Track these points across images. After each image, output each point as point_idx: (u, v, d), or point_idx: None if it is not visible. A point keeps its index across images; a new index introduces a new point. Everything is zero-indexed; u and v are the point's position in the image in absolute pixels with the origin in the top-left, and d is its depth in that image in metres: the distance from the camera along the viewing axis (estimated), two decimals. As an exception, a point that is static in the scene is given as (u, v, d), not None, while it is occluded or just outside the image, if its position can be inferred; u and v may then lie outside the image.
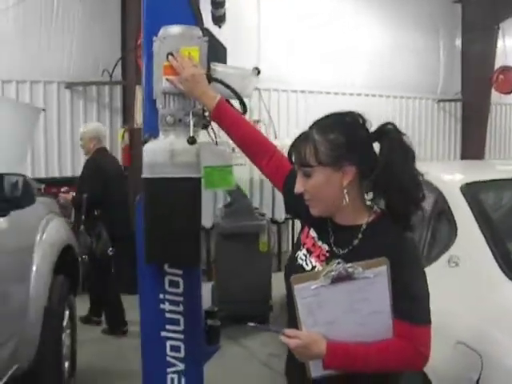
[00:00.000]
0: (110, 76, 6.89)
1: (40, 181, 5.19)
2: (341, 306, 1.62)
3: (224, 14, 2.52)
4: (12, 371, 3.08)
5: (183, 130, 2.12)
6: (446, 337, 2.40)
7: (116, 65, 6.89)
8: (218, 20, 2.53)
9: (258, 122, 7.51)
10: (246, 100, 2.24)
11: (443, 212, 2.91)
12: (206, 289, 5.55)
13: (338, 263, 1.62)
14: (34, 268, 3.31)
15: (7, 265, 3.02)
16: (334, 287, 1.59)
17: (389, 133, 1.70)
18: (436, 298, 2.66)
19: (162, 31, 2.11)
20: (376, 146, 1.71)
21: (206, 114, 2.14)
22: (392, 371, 1.70)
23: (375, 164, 1.65)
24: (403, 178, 1.65)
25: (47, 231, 3.59)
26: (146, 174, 2.13)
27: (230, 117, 2.00)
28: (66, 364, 3.90)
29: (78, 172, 6.78)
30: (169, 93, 2.10)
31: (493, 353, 2.13)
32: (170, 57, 2.04)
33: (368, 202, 1.73)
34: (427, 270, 2.69)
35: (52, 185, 5.51)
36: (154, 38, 2.12)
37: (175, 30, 2.11)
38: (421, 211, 1.72)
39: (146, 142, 2.18)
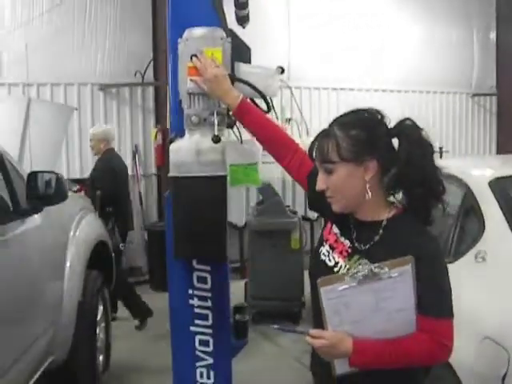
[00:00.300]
0: (142, 77, 7.00)
1: (75, 181, 5.29)
2: (367, 306, 1.64)
3: (247, 14, 2.55)
4: (47, 364, 3.18)
5: (208, 129, 2.16)
6: (474, 332, 2.42)
7: (148, 66, 7.01)
8: (242, 20, 2.56)
9: (289, 120, 7.53)
10: (274, 98, 2.28)
11: (471, 207, 2.92)
12: (239, 286, 5.66)
13: (365, 264, 1.64)
14: (68, 264, 3.42)
15: (42, 260, 3.11)
16: (360, 287, 1.60)
17: (407, 129, 1.72)
18: (463, 293, 2.68)
19: (186, 33, 2.17)
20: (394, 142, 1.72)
21: (231, 113, 2.17)
22: (417, 365, 1.71)
23: (395, 160, 1.67)
24: (423, 173, 1.67)
25: (80, 227, 3.70)
26: (172, 173, 2.18)
27: (253, 115, 2.04)
28: (101, 358, 4.01)
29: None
30: (193, 93, 2.14)
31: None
32: (193, 58, 2.08)
33: (389, 198, 1.74)
34: (455, 265, 2.75)
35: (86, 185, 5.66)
36: (179, 40, 2.17)
37: (198, 31, 2.15)
38: (441, 205, 1.73)
39: (172, 142, 2.24)
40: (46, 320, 3.16)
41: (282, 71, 2.37)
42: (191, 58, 2.09)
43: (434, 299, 1.65)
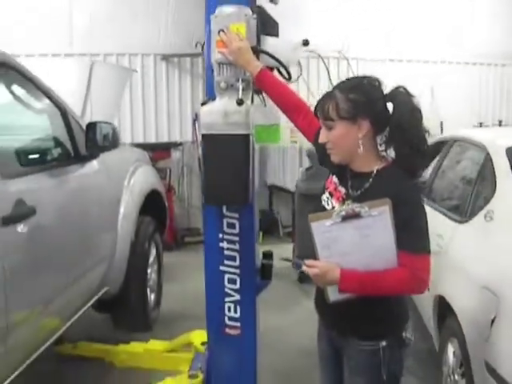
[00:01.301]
0: (202, 48, 7.31)
1: (138, 145, 5.64)
2: (351, 240, 1.89)
3: None
4: (102, 292, 3.60)
5: (234, 93, 2.42)
6: (474, 283, 2.67)
7: (207, 37, 7.31)
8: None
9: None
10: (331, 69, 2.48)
11: (488, 171, 3.14)
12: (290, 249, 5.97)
13: (348, 204, 1.94)
14: (122, 207, 3.81)
15: (98, 200, 3.52)
16: (344, 224, 1.86)
17: (399, 95, 1.97)
18: (471, 250, 2.94)
19: (217, 10, 2.43)
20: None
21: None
22: (397, 294, 1.99)
23: (388, 121, 1.94)
24: (410, 134, 1.93)
25: (135, 176, 4.05)
26: (203, 131, 2.46)
27: (270, 82, 2.33)
28: (152, 296, 4.42)
29: (173, 138, 7.42)
30: (221, 63, 2.41)
31: (509, 294, 2.37)
32: (221, 32, 2.35)
33: (382, 153, 2.01)
34: (468, 224, 2.99)
35: (150, 149, 5.97)
36: (211, 17, 2.44)
37: (226, 9, 2.40)
38: (427, 163, 1.99)
39: (204, 104, 2.54)
40: (102, 253, 3.56)
41: (306, 43, 2.63)
42: (219, 33, 2.36)
43: (410, 237, 1.89)
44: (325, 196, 2.10)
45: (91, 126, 3.18)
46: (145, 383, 3.24)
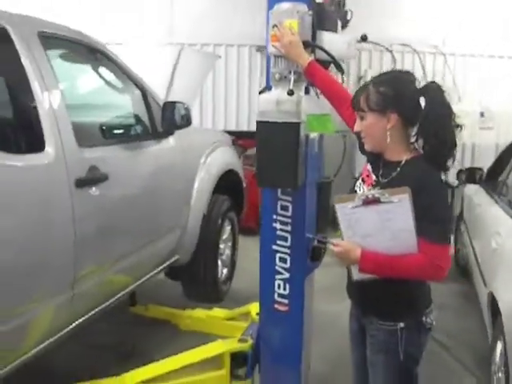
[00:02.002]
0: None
1: (230, 133, 5.75)
2: (373, 223, 2.03)
3: None
4: (173, 260, 3.90)
5: (287, 84, 2.56)
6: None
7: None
8: None
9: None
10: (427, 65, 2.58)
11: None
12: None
13: (370, 190, 2.11)
14: (197, 183, 4.07)
15: (173, 174, 3.77)
16: (366, 208, 2.01)
17: (431, 90, 2.08)
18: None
19: (274, 7, 2.60)
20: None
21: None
22: (414, 279, 2.11)
23: (419, 114, 2.06)
24: (439, 127, 2.04)
25: (212, 155, 4.31)
26: (258, 118, 2.63)
27: (318, 74, 2.49)
28: (225, 270, 4.68)
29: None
30: (276, 55, 2.59)
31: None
32: (275, 28, 2.53)
33: (413, 145, 2.13)
34: None
35: (241, 137, 6.10)
36: (269, 12, 2.61)
37: (281, 6, 2.56)
38: (453, 155, 2.10)
39: (261, 93, 2.74)
40: (173, 223, 3.85)
41: (365, 39, 2.77)
42: (273, 27, 2.53)
43: (430, 226, 1.98)
44: (358, 182, 2.26)
45: (167, 106, 3.48)
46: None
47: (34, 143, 2.55)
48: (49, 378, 2.95)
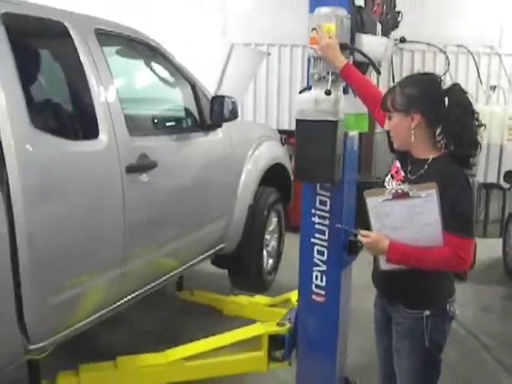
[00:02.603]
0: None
1: (283, 132, 5.89)
2: (400, 216, 2.16)
3: None
4: (219, 248, 4.09)
5: (325, 84, 2.69)
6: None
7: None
8: None
9: (494, 87, 7.54)
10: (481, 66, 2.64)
11: None
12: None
13: (399, 185, 2.23)
14: (244, 174, 4.24)
15: (221, 164, 3.95)
16: (394, 202, 2.14)
17: (454, 91, 2.21)
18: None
19: (315, 11, 2.72)
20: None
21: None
22: (439, 270, 2.23)
23: (443, 114, 2.18)
24: (461, 127, 2.16)
25: (259, 149, 4.46)
26: (297, 117, 2.78)
27: (353, 76, 2.62)
28: (270, 261, 4.83)
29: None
30: (315, 57, 2.71)
31: None
32: (313, 31, 2.66)
33: (439, 143, 2.25)
34: None
35: (293, 136, 6.40)
36: (308, 16, 2.73)
37: (321, 10, 2.69)
38: (476, 153, 2.20)
39: (301, 92, 2.86)
40: (220, 212, 4.02)
41: (402, 41, 2.89)
42: (312, 31, 2.66)
43: (455, 220, 2.11)
44: (387, 178, 2.39)
45: (215, 99, 3.65)
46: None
47: (89, 131, 2.78)
48: (91, 358, 3.17)
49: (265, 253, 4.69)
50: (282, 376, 3.52)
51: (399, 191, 2.14)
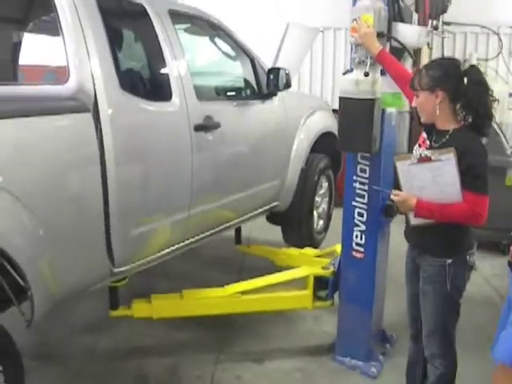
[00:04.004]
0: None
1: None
2: (425, 178, 2.53)
3: None
4: (273, 205, 4.56)
5: (365, 67, 3.09)
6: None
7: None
8: None
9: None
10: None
11: None
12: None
13: (423, 151, 2.62)
14: (296, 140, 4.67)
15: (276, 130, 4.39)
16: (420, 165, 2.54)
17: (472, 71, 2.56)
18: None
19: (356, 4, 3.12)
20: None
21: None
22: (459, 223, 2.56)
23: (462, 92, 2.53)
24: (478, 102, 2.51)
25: (311, 117, 4.88)
26: (340, 95, 3.19)
27: (386, 60, 3.00)
28: (321, 222, 5.27)
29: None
30: (355, 44, 3.12)
31: None
32: (354, 21, 3.06)
33: (459, 117, 2.58)
34: None
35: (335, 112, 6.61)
36: (351, 8, 3.13)
37: (361, 3, 3.07)
38: (490, 124, 2.58)
39: (344, 74, 3.25)
40: (274, 172, 4.47)
41: (435, 28, 3.27)
42: (353, 21, 3.06)
43: (472, 180, 2.45)
44: (416, 146, 2.73)
45: (271, 71, 4.13)
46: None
47: (164, 94, 3.29)
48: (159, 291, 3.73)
49: (315, 214, 5.11)
50: (326, 327, 3.96)
51: (423, 156, 2.54)
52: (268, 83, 4.14)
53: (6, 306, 2.69)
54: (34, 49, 3.74)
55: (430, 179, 2.52)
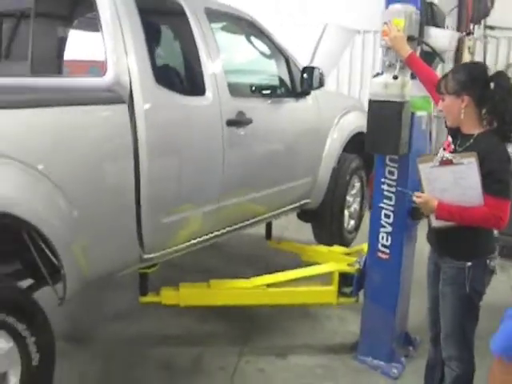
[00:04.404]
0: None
1: None
2: (447, 180, 2.57)
3: None
4: (303, 202, 4.62)
5: (394, 70, 3.13)
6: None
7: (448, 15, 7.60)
8: None
9: None
10: None
11: None
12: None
13: (443, 153, 2.65)
14: (329, 140, 4.72)
15: (308, 129, 4.44)
16: (442, 167, 2.58)
17: (499, 77, 2.57)
18: None
19: (388, 7, 3.15)
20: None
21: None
22: (479, 226, 2.58)
23: (489, 97, 2.56)
24: (503, 108, 2.52)
25: (345, 117, 4.92)
26: (370, 97, 3.24)
27: (415, 64, 3.05)
28: (352, 222, 5.30)
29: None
30: (385, 47, 3.15)
31: None
32: (384, 25, 3.10)
33: (484, 121, 2.62)
34: None
35: None
36: (383, 12, 3.16)
37: (393, 7, 3.12)
38: None
39: (375, 76, 3.28)
40: (305, 170, 4.53)
41: (469, 33, 3.30)
42: (384, 24, 3.10)
43: (494, 184, 2.47)
44: (441, 149, 2.75)
45: (305, 70, 4.21)
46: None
47: (198, 89, 3.41)
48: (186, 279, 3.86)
49: (346, 213, 5.15)
50: (351, 327, 4.02)
51: (444, 159, 2.58)
52: (302, 82, 4.22)
53: (40, 285, 2.88)
54: (78, 44, 3.91)
55: (452, 182, 2.56)
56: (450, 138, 2.74)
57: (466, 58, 5.72)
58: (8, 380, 2.46)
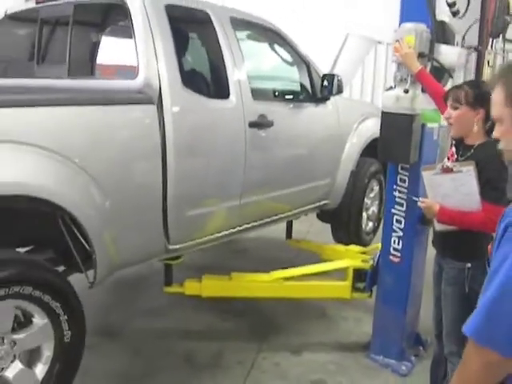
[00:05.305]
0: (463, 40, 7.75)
1: None
2: (449, 187, 2.76)
3: (457, 10, 3.42)
4: (323, 203, 4.80)
5: (405, 85, 3.31)
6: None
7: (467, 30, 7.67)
8: (454, 14, 3.45)
9: None
10: None
11: None
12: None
13: (445, 162, 2.83)
14: (348, 144, 4.91)
15: (328, 133, 4.61)
16: (443, 175, 2.77)
17: None
18: None
19: (400, 26, 3.33)
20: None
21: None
22: (476, 230, 2.70)
23: None
24: None
25: (364, 123, 5.10)
26: (382, 109, 3.43)
27: (424, 80, 3.22)
28: (370, 224, 5.46)
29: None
30: (397, 62, 3.34)
31: None
32: (396, 42, 3.27)
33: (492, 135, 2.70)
34: None
35: None
36: (394, 30, 3.34)
37: (404, 25, 3.29)
38: None
39: (387, 90, 3.47)
40: (324, 172, 4.71)
41: (476, 49, 3.46)
42: (396, 41, 3.27)
43: (490, 192, 2.62)
44: (445, 159, 2.93)
45: (325, 76, 4.41)
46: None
47: (222, 93, 3.63)
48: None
49: (364, 215, 5.32)
50: (366, 328, 4.14)
51: (445, 167, 2.77)
52: (322, 88, 4.41)
53: (71, 271, 3.13)
54: (109, 49, 4.20)
55: (452, 188, 2.74)
56: (453, 148, 2.90)
57: (486, 71, 5.84)
58: (42, 353, 2.71)
